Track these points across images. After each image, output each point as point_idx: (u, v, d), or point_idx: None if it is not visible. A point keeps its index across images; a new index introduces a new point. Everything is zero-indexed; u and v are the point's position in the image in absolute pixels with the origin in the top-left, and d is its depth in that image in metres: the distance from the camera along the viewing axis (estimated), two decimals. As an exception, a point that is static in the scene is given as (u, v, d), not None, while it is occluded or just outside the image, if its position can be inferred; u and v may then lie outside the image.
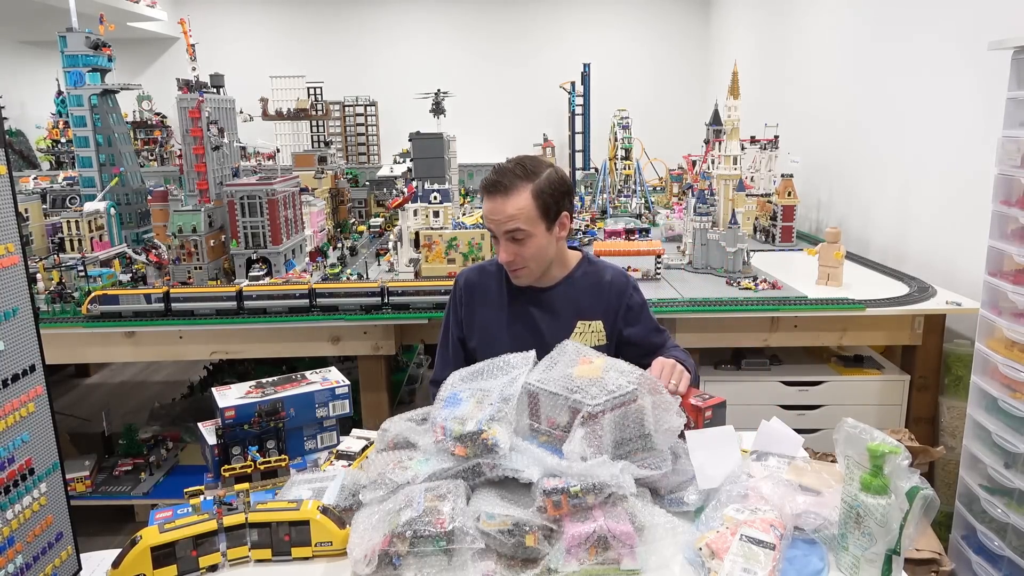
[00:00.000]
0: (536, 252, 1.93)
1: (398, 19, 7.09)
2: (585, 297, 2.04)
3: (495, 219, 1.90)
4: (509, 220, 1.87)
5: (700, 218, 3.43)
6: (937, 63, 3.25)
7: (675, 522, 1.37)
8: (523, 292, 2.05)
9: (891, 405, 2.97)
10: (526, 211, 1.87)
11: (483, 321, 2.07)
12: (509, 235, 1.89)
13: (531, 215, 1.88)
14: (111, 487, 3.29)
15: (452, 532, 1.28)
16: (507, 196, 1.88)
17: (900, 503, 1.23)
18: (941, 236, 3.24)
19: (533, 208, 1.88)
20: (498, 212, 1.88)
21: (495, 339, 2.03)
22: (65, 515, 1.31)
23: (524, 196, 1.88)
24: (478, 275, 2.12)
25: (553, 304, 2.03)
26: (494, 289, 2.08)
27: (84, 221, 3.27)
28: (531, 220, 1.88)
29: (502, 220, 1.88)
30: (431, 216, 3.37)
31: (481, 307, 2.08)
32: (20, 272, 1.23)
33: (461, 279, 2.13)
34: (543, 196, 1.90)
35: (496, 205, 1.89)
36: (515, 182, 1.89)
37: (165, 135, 5.74)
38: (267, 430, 1.75)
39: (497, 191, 1.89)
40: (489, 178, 1.92)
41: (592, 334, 2.02)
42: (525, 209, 1.87)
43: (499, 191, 1.89)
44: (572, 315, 2.02)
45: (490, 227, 1.94)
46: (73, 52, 3.43)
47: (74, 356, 3.33)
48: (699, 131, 4.38)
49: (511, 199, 1.87)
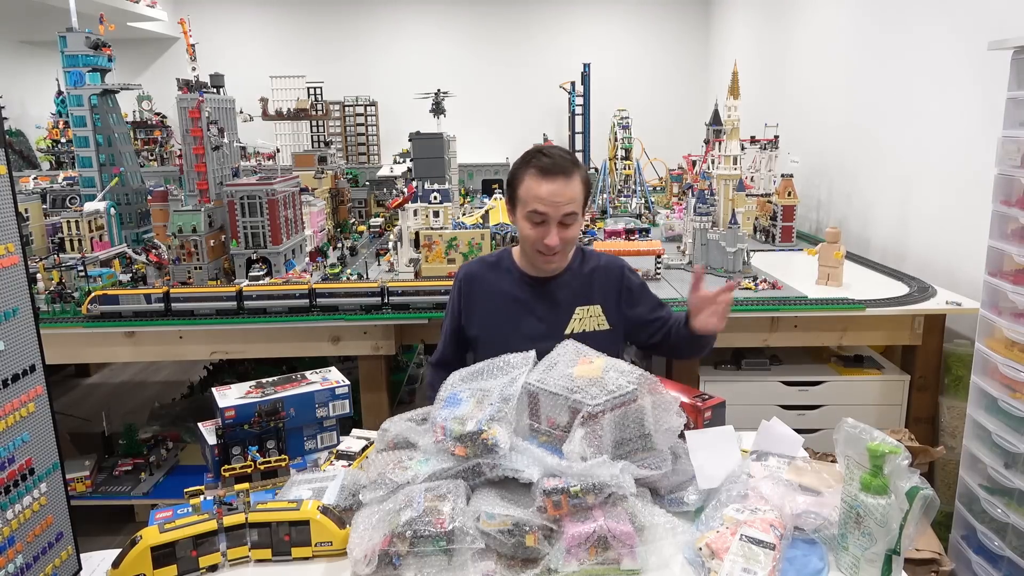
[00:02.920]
0: (575, 236, 1.99)
1: (398, 19, 7.09)
2: (583, 284, 2.07)
3: (557, 201, 1.89)
4: (570, 203, 1.91)
5: (700, 218, 3.43)
6: (937, 63, 3.25)
7: (675, 522, 1.37)
8: (524, 282, 2.08)
9: (891, 405, 2.97)
10: (579, 196, 1.94)
11: (484, 311, 2.10)
12: (565, 218, 1.92)
13: (581, 200, 1.96)
14: (111, 487, 3.29)
15: (452, 532, 1.28)
16: (568, 179, 1.91)
17: (900, 503, 1.23)
18: (941, 236, 3.24)
19: (582, 194, 1.95)
20: (560, 195, 1.90)
21: (497, 329, 2.06)
22: (65, 515, 1.32)
23: (578, 181, 1.94)
24: (478, 267, 2.16)
25: (554, 293, 2.06)
26: (494, 280, 2.11)
27: (84, 221, 3.27)
28: (580, 205, 1.95)
29: (563, 203, 1.90)
30: (431, 216, 3.37)
31: (482, 298, 2.11)
32: (20, 272, 1.23)
33: (462, 272, 2.17)
34: (587, 184, 1.99)
35: (559, 187, 1.90)
36: (571, 167, 1.93)
37: (165, 135, 5.73)
38: (267, 430, 1.75)
39: (559, 173, 1.90)
40: (544, 161, 1.91)
41: (591, 318, 2.05)
42: (579, 194, 1.94)
43: (561, 173, 1.90)
44: (571, 303, 2.05)
45: (545, 210, 1.90)
46: (73, 52, 3.43)
47: (74, 356, 3.33)
48: (699, 131, 4.38)
49: (571, 182, 1.92)
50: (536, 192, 1.90)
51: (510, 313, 2.07)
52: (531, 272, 2.08)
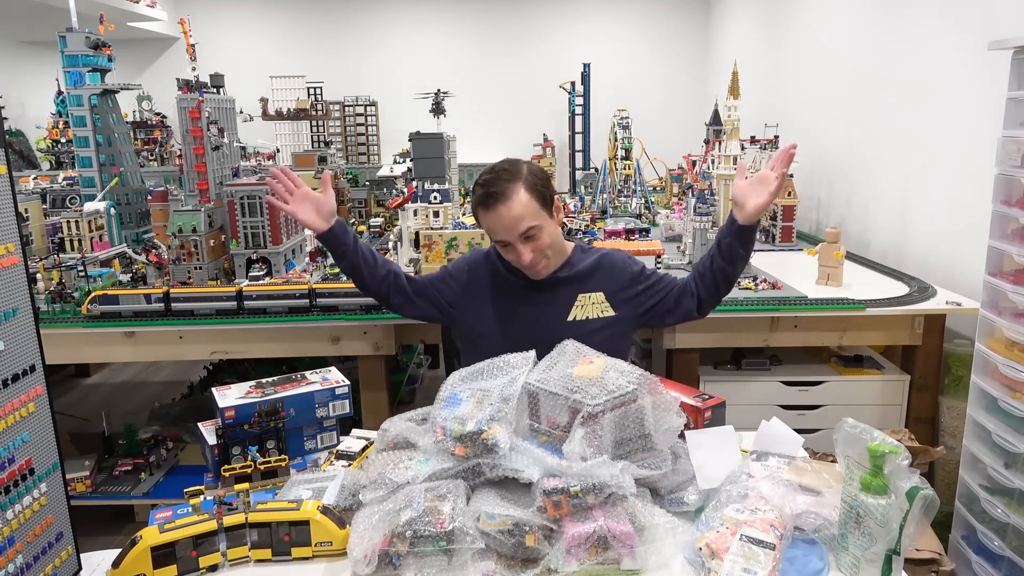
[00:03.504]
0: (551, 241, 1.97)
1: (398, 19, 7.09)
2: (584, 276, 2.07)
3: (504, 226, 1.90)
4: (519, 221, 1.89)
5: (700, 218, 3.43)
6: (937, 63, 3.25)
7: (675, 522, 1.37)
8: (522, 280, 2.07)
9: (891, 405, 2.97)
10: (530, 206, 1.90)
11: (482, 310, 2.09)
12: (523, 236, 1.91)
13: (535, 208, 1.91)
14: (111, 487, 3.28)
15: (452, 532, 1.28)
16: (508, 202, 1.89)
17: (900, 503, 1.23)
18: (941, 236, 3.24)
19: (533, 202, 1.90)
20: (504, 219, 1.89)
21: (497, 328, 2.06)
22: (65, 515, 1.31)
23: (521, 194, 1.89)
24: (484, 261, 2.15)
25: (556, 287, 2.06)
26: (488, 280, 2.11)
27: (84, 221, 3.27)
28: (536, 214, 1.91)
29: (511, 225, 1.89)
30: (431, 216, 3.37)
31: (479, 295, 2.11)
32: (20, 272, 1.23)
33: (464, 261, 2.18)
34: (536, 188, 1.93)
35: (499, 213, 1.89)
36: (506, 186, 1.90)
37: (165, 135, 5.73)
38: (267, 430, 1.75)
39: (495, 200, 1.89)
40: (479, 193, 1.93)
41: (594, 305, 2.04)
42: (528, 204, 1.90)
43: (497, 200, 1.89)
44: (571, 294, 2.06)
45: (500, 238, 1.93)
46: (73, 52, 3.43)
47: (74, 356, 3.32)
48: (699, 131, 4.38)
49: (512, 203, 1.89)
50: (487, 224, 1.95)
51: (510, 311, 2.08)
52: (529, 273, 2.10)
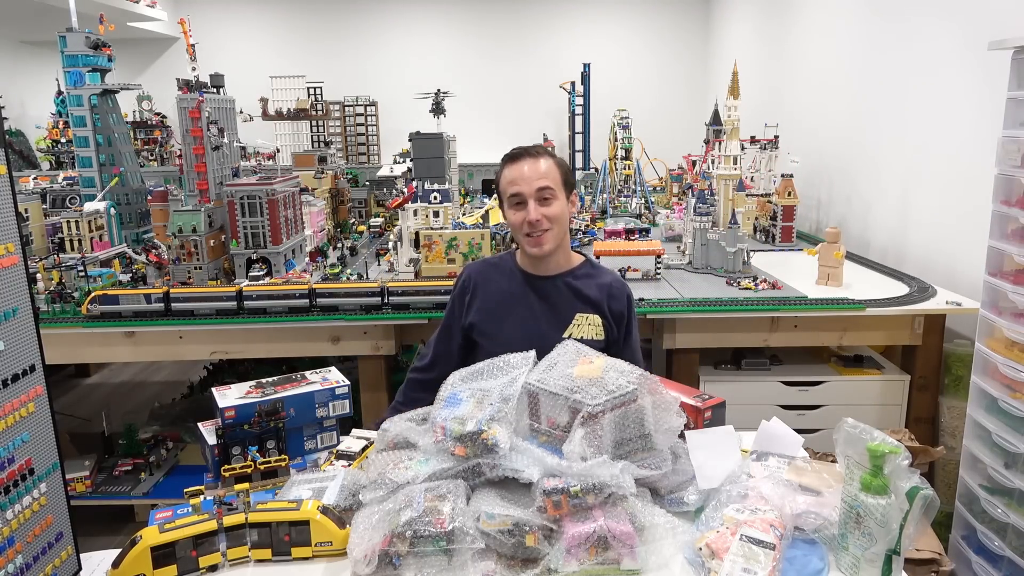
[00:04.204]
0: (559, 214, 2.05)
1: (398, 19, 7.09)
2: (584, 292, 2.13)
3: (527, 177, 2.02)
4: (541, 178, 2.01)
5: (700, 218, 3.43)
6: (937, 63, 3.25)
7: (675, 522, 1.37)
8: (524, 280, 2.14)
9: (891, 405, 2.97)
10: (553, 173, 2.05)
11: (486, 304, 2.16)
12: (539, 194, 2.01)
13: (556, 178, 2.06)
14: (111, 487, 3.29)
15: (452, 532, 1.28)
16: (535, 159, 2.04)
17: (900, 503, 1.23)
18: (941, 236, 3.24)
19: (557, 174, 2.06)
20: (530, 172, 2.02)
21: (497, 321, 2.12)
22: (65, 515, 1.31)
23: (547, 161, 2.07)
24: (481, 265, 2.26)
25: (553, 292, 2.13)
26: (495, 278, 2.19)
27: (84, 221, 3.27)
28: (557, 183, 2.05)
29: (534, 178, 2.01)
30: (431, 216, 3.37)
31: (485, 292, 2.17)
32: (20, 272, 1.23)
33: (466, 271, 2.25)
34: (563, 167, 2.10)
35: (527, 165, 2.03)
36: (537, 151, 2.07)
37: (165, 135, 5.73)
38: (267, 430, 1.75)
39: (526, 155, 2.06)
40: (512, 151, 2.09)
41: (590, 327, 2.11)
42: (552, 171, 2.05)
43: (528, 155, 2.06)
44: (570, 307, 2.12)
45: (518, 189, 2.03)
46: (73, 52, 3.43)
47: (74, 356, 3.32)
48: (699, 131, 4.38)
49: (538, 160, 2.04)
50: (509, 177, 2.07)
51: (508, 306, 2.13)
52: (531, 270, 2.16)
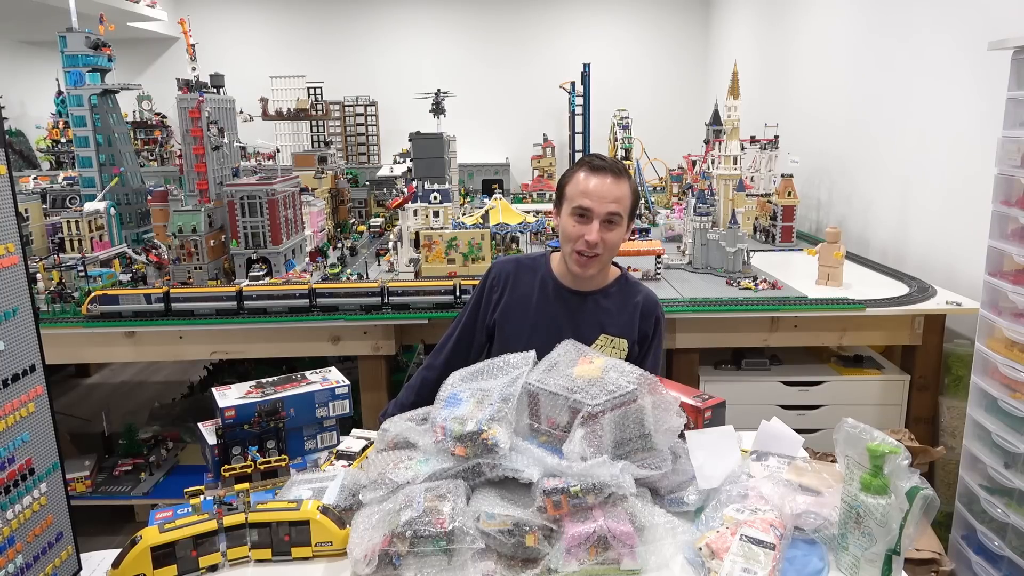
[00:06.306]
0: (616, 242, 1.96)
1: (398, 19, 7.09)
2: (621, 312, 2.04)
3: (603, 195, 1.89)
4: (615, 202, 1.90)
5: (700, 218, 3.43)
6: (937, 63, 3.25)
7: (675, 522, 1.37)
8: (558, 294, 2.05)
9: (891, 405, 2.97)
10: (625, 200, 1.94)
11: (511, 308, 2.07)
12: (608, 216, 1.91)
13: (627, 206, 1.95)
14: (111, 487, 3.29)
15: (452, 532, 1.28)
16: (617, 179, 1.92)
17: (900, 503, 1.23)
18: (941, 236, 3.24)
19: (629, 202, 1.95)
20: (607, 191, 1.90)
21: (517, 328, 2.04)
22: (65, 515, 1.31)
23: (626, 186, 1.95)
24: (514, 266, 2.14)
25: (585, 312, 2.04)
26: (528, 282, 2.09)
27: (84, 221, 3.26)
28: (626, 211, 1.94)
29: (608, 199, 1.90)
30: (431, 216, 3.37)
31: (512, 295, 2.08)
32: (20, 272, 1.23)
33: (495, 269, 2.14)
34: (635, 196, 1.98)
35: (606, 183, 1.90)
36: (622, 172, 1.94)
37: (165, 135, 5.72)
38: (267, 430, 1.75)
39: (609, 171, 1.92)
40: (591, 161, 1.95)
41: (613, 350, 2.02)
42: (626, 198, 1.94)
43: (611, 172, 1.92)
44: (597, 324, 2.03)
45: (590, 204, 1.90)
46: (73, 52, 3.43)
47: (74, 356, 3.33)
48: (699, 131, 4.38)
49: (620, 183, 1.92)
50: (583, 187, 1.92)
51: (533, 316, 2.05)
52: (567, 283, 2.06)
